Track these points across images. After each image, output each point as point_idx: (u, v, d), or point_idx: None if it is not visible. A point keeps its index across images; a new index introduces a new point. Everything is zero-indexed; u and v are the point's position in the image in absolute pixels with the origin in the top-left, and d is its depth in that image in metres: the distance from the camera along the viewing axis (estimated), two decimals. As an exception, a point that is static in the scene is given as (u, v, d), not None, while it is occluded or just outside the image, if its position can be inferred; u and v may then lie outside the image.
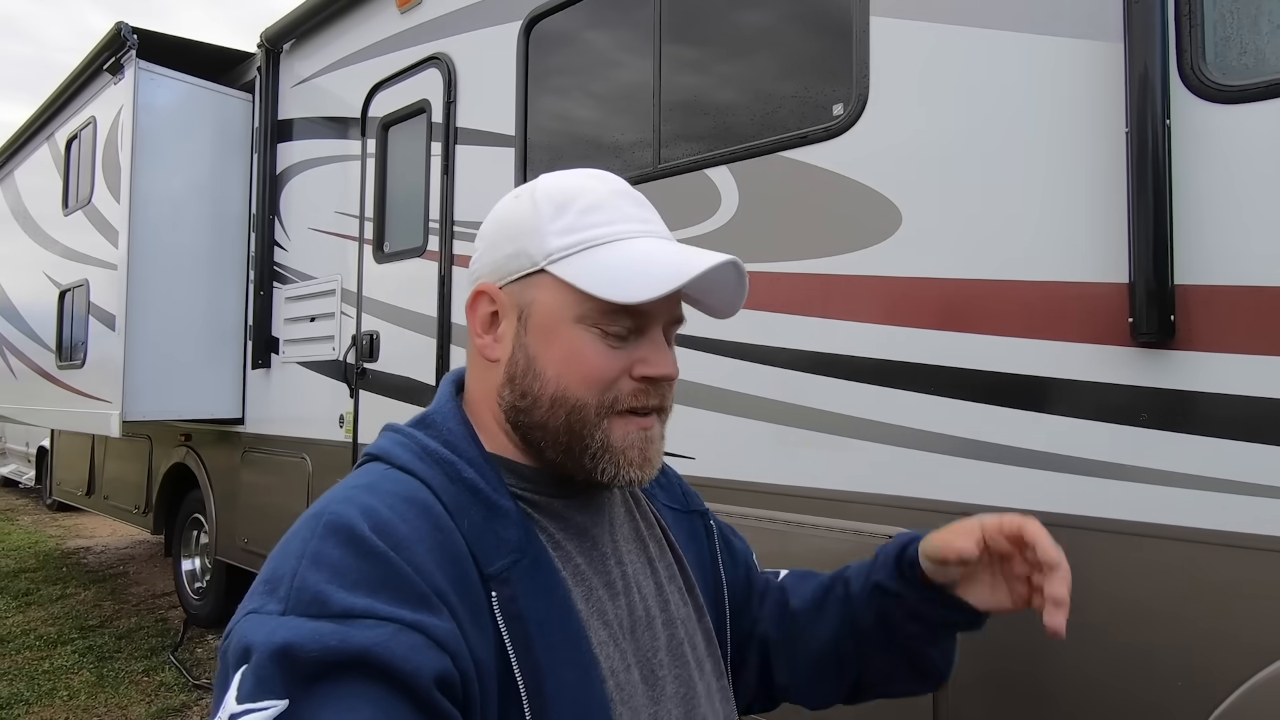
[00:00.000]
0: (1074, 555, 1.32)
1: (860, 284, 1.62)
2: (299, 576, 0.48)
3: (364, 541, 0.50)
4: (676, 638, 0.67)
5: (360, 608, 0.47)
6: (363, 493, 0.55)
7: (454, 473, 0.59)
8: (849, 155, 1.64)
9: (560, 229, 0.60)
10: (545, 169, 2.31)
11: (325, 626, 0.45)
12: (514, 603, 0.55)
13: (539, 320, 0.61)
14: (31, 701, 3.32)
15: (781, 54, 1.81)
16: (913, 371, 1.53)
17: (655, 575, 0.69)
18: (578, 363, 0.60)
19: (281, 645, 0.44)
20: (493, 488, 0.59)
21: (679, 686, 0.65)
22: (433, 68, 2.75)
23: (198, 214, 3.62)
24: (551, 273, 0.60)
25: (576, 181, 0.64)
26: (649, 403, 0.63)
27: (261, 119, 3.58)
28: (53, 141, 4.43)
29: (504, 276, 0.62)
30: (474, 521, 0.56)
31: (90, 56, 3.67)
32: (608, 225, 0.61)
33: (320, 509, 0.53)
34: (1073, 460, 1.34)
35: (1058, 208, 1.37)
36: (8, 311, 5.05)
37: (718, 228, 1.86)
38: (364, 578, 0.48)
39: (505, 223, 0.64)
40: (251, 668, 0.44)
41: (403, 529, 0.52)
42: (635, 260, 0.59)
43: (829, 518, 1.64)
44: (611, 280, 0.58)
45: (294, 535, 0.53)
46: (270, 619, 0.47)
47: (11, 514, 8.23)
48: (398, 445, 0.61)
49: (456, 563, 0.53)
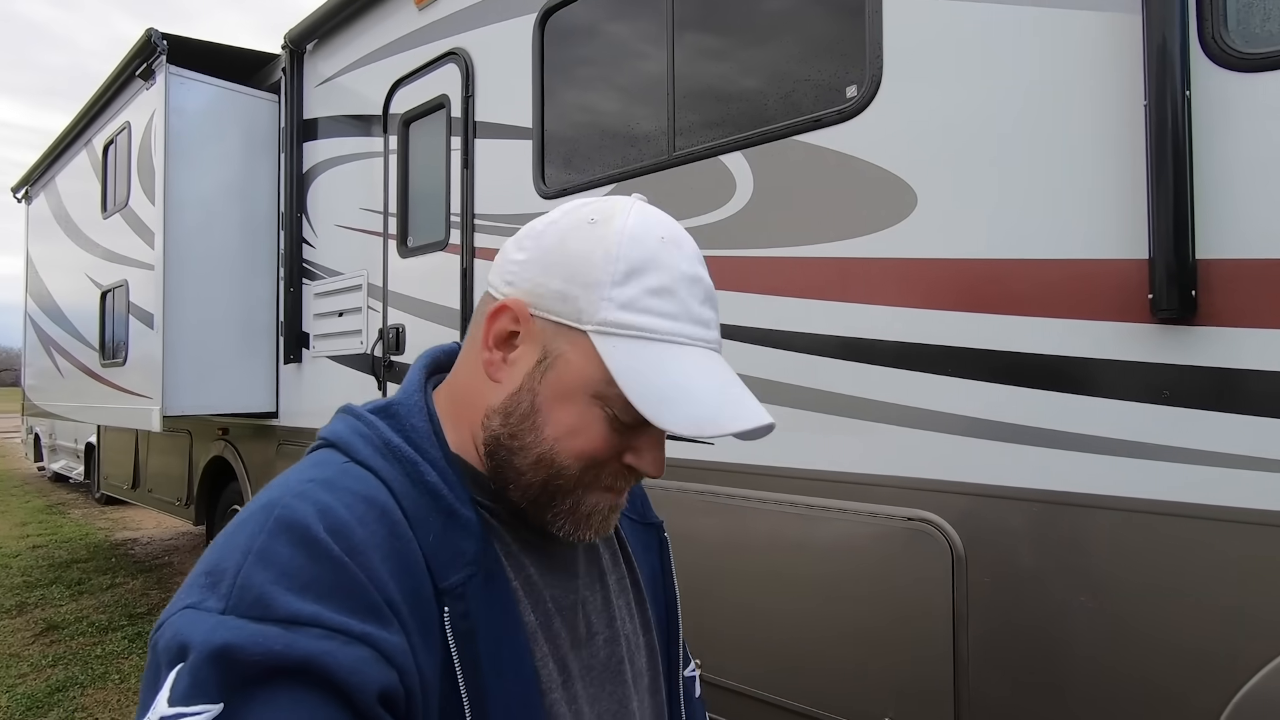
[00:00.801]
0: (1096, 535, 1.32)
1: (877, 266, 1.61)
2: (244, 573, 0.46)
3: (317, 543, 0.47)
4: (617, 655, 0.66)
5: (307, 615, 0.44)
6: (319, 488, 0.52)
7: (416, 474, 0.55)
8: (863, 137, 1.63)
9: (621, 300, 0.55)
10: (562, 160, 2.34)
11: (269, 630, 0.43)
12: (465, 619, 0.53)
13: (561, 377, 0.57)
14: (86, 684, 3.47)
15: (794, 37, 1.80)
16: (931, 353, 1.53)
17: (605, 589, 0.68)
18: (579, 436, 0.57)
19: (221, 646, 0.42)
20: (455, 494, 0.56)
21: (612, 703, 0.65)
22: (451, 63, 2.78)
23: (229, 214, 3.72)
24: (594, 341, 0.55)
25: (656, 248, 0.58)
26: (627, 485, 0.62)
27: (287, 119, 3.66)
28: (90, 147, 4.57)
29: (542, 309, 0.57)
30: (432, 530, 0.54)
31: (123, 63, 3.77)
32: (669, 321, 0.56)
33: (272, 500, 0.50)
34: (1094, 440, 1.33)
35: (1076, 184, 1.35)
36: (54, 313, 5.25)
37: (733, 214, 1.87)
38: (313, 581, 0.46)
39: (567, 251, 0.57)
40: (187, 668, 0.42)
41: (359, 533, 0.50)
42: (681, 383, 0.55)
43: (850, 501, 1.65)
44: (649, 393, 0.54)
45: (241, 526, 0.50)
46: (209, 617, 0.44)
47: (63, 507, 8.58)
48: (358, 436, 0.57)
49: (411, 574, 0.51)
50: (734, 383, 0.59)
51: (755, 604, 1.81)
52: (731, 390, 0.58)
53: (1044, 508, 1.39)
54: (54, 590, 5.04)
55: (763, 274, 1.81)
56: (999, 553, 1.45)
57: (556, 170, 2.36)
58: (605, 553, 0.71)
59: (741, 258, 1.85)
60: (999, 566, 1.44)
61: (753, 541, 1.82)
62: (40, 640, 4.07)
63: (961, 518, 1.49)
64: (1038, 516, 1.40)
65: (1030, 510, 1.41)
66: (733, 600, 1.85)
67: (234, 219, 3.74)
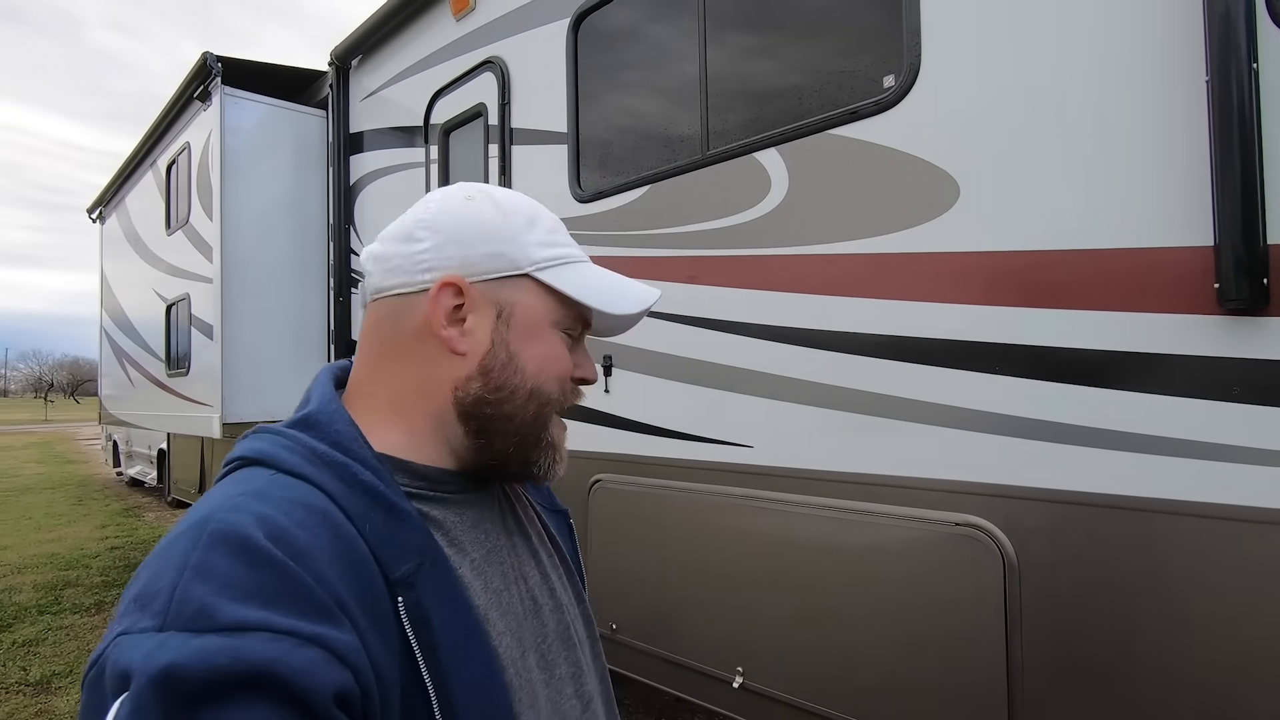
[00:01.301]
0: (1161, 542, 1.24)
1: (918, 261, 1.55)
2: (180, 589, 0.43)
3: (259, 551, 0.46)
4: (563, 622, 0.70)
5: (254, 620, 0.43)
6: (252, 500, 0.50)
7: (349, 475, 0.55)
8: (902, 128, 1.58)
9: (538, 241, 0.65)
10: (596, 163, 2.34)
11: (213, 642, 0.41)
12: (419, 607, 0.53)
13: (524, 321, 0.64)
14: (156, 680, 3.64)
15: (828, 28, 1.75)
16: (978, 350, 1.46)
17: (540, 565, 0.72)
18: (554, 362, 0.65)
19: (164, 668, 0.39)
20: (390, 490, 0.57)
21: (569, 668, 0.68)
22: (487, 71, 2.81)
23: (281, 227, 3.86)
24: (537, 279, 0.64)
25: (529, 202, 0.69)
26: (576, 401, 0.70)
27: (334, 133, 3.77)
28: (155, 168, 4.81)
29: (476, 274, 0.63)
30: (375, 526, 0.54)
31: (182, 86, 3.96)
32: (570, 247, 0.68)
33: (203, 517, 0.49)
34: (1157, 440, 1.25)
35: (1132, 168, 1.27)
36: (125, 326, 5.54)
37: (768, 212, 1.83)
38: (258, 588, 0.44)
39: (470, 221, 0.64)
40: (130, 696, 0.40)
41: (303, 537, 0.48)
42: (607, 281, 0.67)
43: (895, 505, 1.59)
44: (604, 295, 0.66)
45: (170, 546, 0.47)
46: (146, 638, 0.41)
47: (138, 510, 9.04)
48: (280, 448, 0.56)
49: (359, 571, 0.51)
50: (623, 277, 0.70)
51: (796, 611, 1.76)
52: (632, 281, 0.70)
53: (1103, 512, 1.31)
54: (129, 590, 5.31)
55: (799, 272, 1.76)
56: (1055, 560, 1.37)
57: (591, 174, 2.36)
58: (532, 532, 0.74)
59: (777, 256, 1.81)
60: (1055, 574, 1.37)
61: (794, 547, 1.78)
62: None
63: (1013, 523, 1.42)
64: (1097, 522, 1.32)
65: (1088, 515, 1.33)
66: (774, 607, 1.81)
67: (286, 232, 3.88)
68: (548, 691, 0.64)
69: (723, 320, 1.93)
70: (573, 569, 0.78)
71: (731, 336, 1.91)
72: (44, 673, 3.70)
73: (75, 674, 3.73)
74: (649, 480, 2.13)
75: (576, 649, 0.70)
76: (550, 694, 0.64)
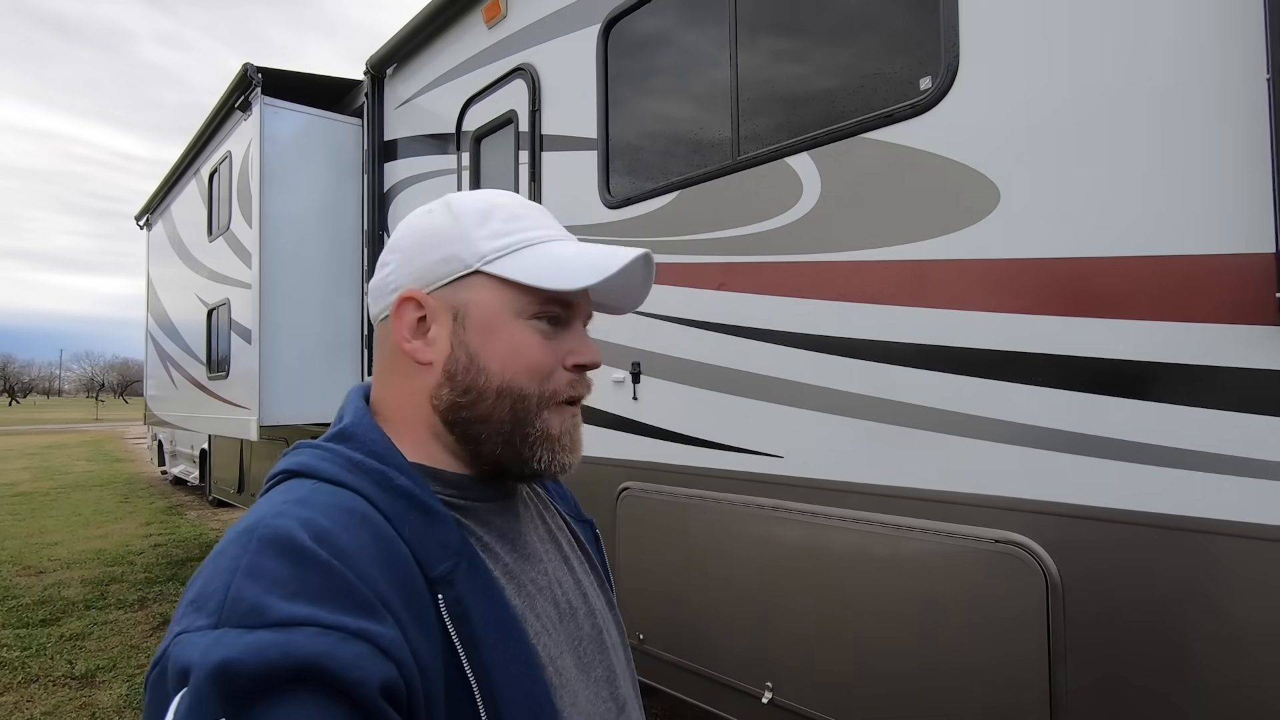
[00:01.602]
0: (1217, 564, 1.17)
1: (957, 269, 1.50)
2: (233, 590, 0.46)
3: (304, 551, 0.48)
4: (597, 626, 0.70)
5: (302, 615, 0.45)
6: (296, 506, 0.53)
7: (386, 481, 0.58)
8: (939, 131, 1.53)
9: (488, 234, 0.63)
10: (626, 169, 2.32)
11: (265, 637, 0.43)
12: (459, 604, 0.55)
13: (478, 318, 0.63)
14: (195, 677, 3.72)
15: (862, 30, 1.71)
16: (1019, 361, 1.41)
17: (572, 570, 0.72)
18: (521, 355, 0.63)
19: (219, 663, 0.42)
20: (425, 494, 0.59)
21: (604, 670, 0.68)
22: (518, 78, 2.82)
23: (317, 233, 3.93)
24: (488, 272, 0.63)
25: (488, 197, 0.67)
26: (582, 392, 0.66)
27: (369, 141, 3.83)
28: (199, 176, 4.95)
29: (430, 282, 0.64)
30: (414, 527, 0.57)
31: (224, 97, 4.06)
32: (532, 230, 0.65)
33: (251, 524, 0.51)
34: (1212, 458, 1.18)
35: (1186, 171, 1.21)
36: (169, 329, 5.70)
37: (799, 218, 1.79)
38: (305, 586, 0.47)
39: (424, 233, 0.65)
40: (189, 691, 0.42)
41: (345, 538, 0.51)
42: (567, 257, 0.63)
43: (930, 520, 1.54)
44: (551, 272, 0.62)
45: (221, 553, 0.50)
46: (204, 635, 0.44)
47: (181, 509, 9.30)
48: (320, 459, 0.60)
49: (400, 570, 0.53)
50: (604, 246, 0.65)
51: (828, 628, 1.72)
52: (606, 248, 0.64)
53: (1152, 532, 1.25)
54: (171, 587, 5.45)
55: (832, 279, 1.73)
56: (1102, 581, 1.31)
57: (621, 179, 2.35)
58: (561, 539, 0.74)
59: (810, 262, 1.78)
60: (1102, 596, 1.31)
61: (826, 561, 1.74)
62: (158, 634, 4.40)
63: (1056, 541, 1.36)
64: (1146, 542, 1.26)
65: (1137, 535, 1.27)
66: (804, 623, 1.77)
67: (321, 238, 3.95)
68: (587, 693, 0.64)
69: (753, 328, 1.90)
70: (603, 576, 0.78)
71: (763, 344, 1.88)
72: (89, 667, 3.82)
73: (119, 668, 3.83)
74: (677, 489, 2.11)
75: (610, 653, 0.70)
76: (589, 695, 0.65)
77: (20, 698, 3.48)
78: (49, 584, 5.55)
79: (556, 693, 0.60)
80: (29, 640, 4.26)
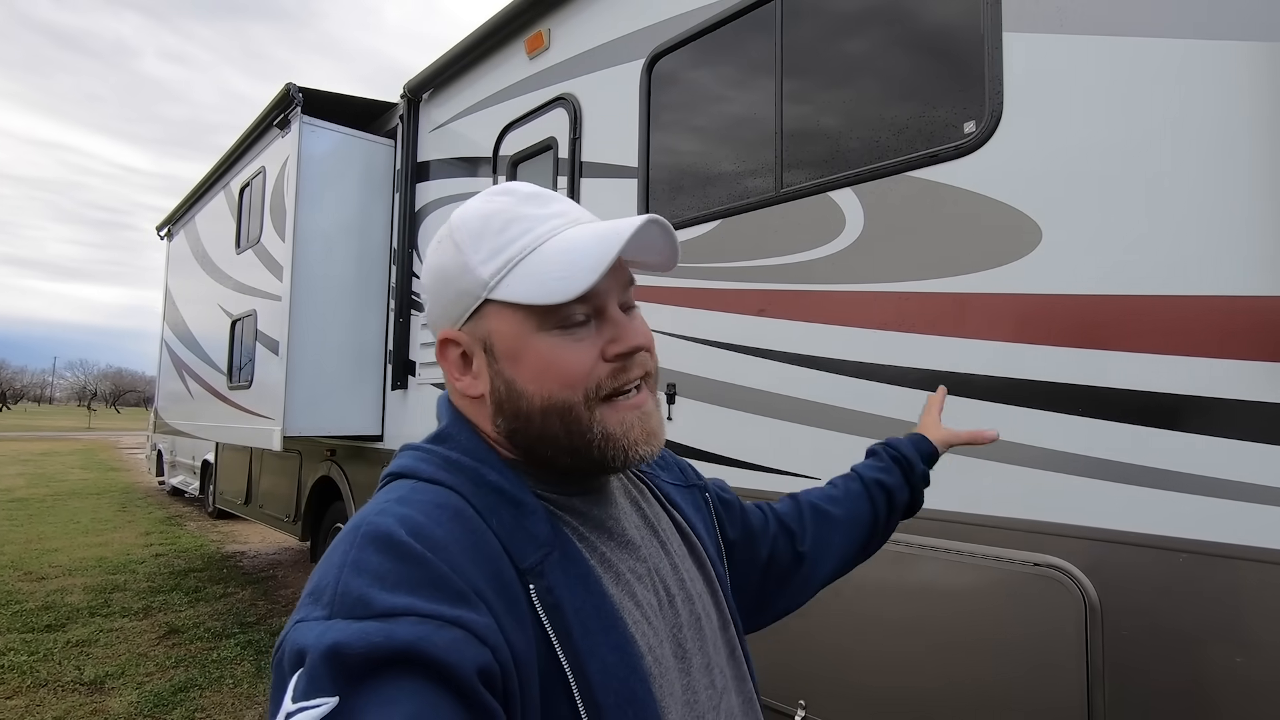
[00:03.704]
0: (1254, 591, 1.23)
1: (999, 302, 1.58)
2: (342, 583, 0.50)
3: (402, 545, 0.52)
4: (695, 612, 0.71)
5: (402, 606, 0.49)
6: (396, 504, 0.57)
7: (479, 478, 0.62)
8: (982, 172, 1.62)
9: (484, 257, 0.63)
10: (666, 198, 2.42)
11: (370, 625, 0.47)
12: (550, 594, 0.58)
13: (503, 347, 0.63)
14: (204, 686, 3.71)
15: (908, 75, 1.81)
16: (1061, 391, 1.48)
17: (669, 556, 0.73)
18: (551, 370, 0.62)
19: (331, 645, 0.46)
20: (517, 488, 0.62)
21: (702, 657, 0.69)
22: (559, 107, 2.93)
23: (346, 249, 4.01)
24: (495, 299, 0.63)
25: (484, 206, 0.66)
26: (630, 377, 0.65)
27: (403, 161, 3.94)
28: (228, 190, 5.04)
29: (457, 320, 0.65)
30: (504, 520, 0.60)
31: (263, 114, 4.17)
32: (525, 235, 0.63)
33: (357, 523, 0.56)
34: (1249, 488, 1.25)
35: (1224, 218, 1.29)
36: (188, 339, 5.75)
37: (844, 248, 1.88)
38: (404, 579, 0.51)
39: (438, 272, 0.66)
40: (305, 670, 0.46)
41: (438, 532, 0.55)
42: (563, 256, 0.61)
43: (970, 543, 1.60)
44: (548, 284, 0.60)
45: (334, 549, 0.55)
46: (318, 624, 0.48)
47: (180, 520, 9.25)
48: (421, 461, 0.64)
49: (492, 561, 0.56)
50: (606, 222, 0.65)
51: (864, 649, 1.76)
52: (605, 226, 0.63)
53: (1191, 558, 1.31)
54: (174, 596, 5.43)
55: (874, 309, 1.80)
56: (1139, 605, 1.36)
57: (661, 207, 2.44)
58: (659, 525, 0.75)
59: (851, 292, 1.86)
60: (1139, 620, 1.36)
61: (863, 582, 1.78)
62: (164, 642, 4.39)
63: (1095, 566, 1.42)
64: (1183, 568, 1.31)
65: (1174, 561, 1.32)
66: (839, 644, 1.81)
67: (350, 254, 4.03)
68: (684, 680, 0.66)
69: (793, 353, 1.97)
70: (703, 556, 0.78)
71: (801, 369, 1.95)
72: (98, 673, 3.81)
73: (128, 675, 3.82)
74: (711, 508, 2.15)
75: (707, 638, 0.72)
76: (687, 683, 0.66)
77: (30, 701, 3.46)
78: (51, 590, 5.52)
79: (655, 681, 0.61)
80: (35, 645, 4.24)
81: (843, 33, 1.96)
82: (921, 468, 1.12)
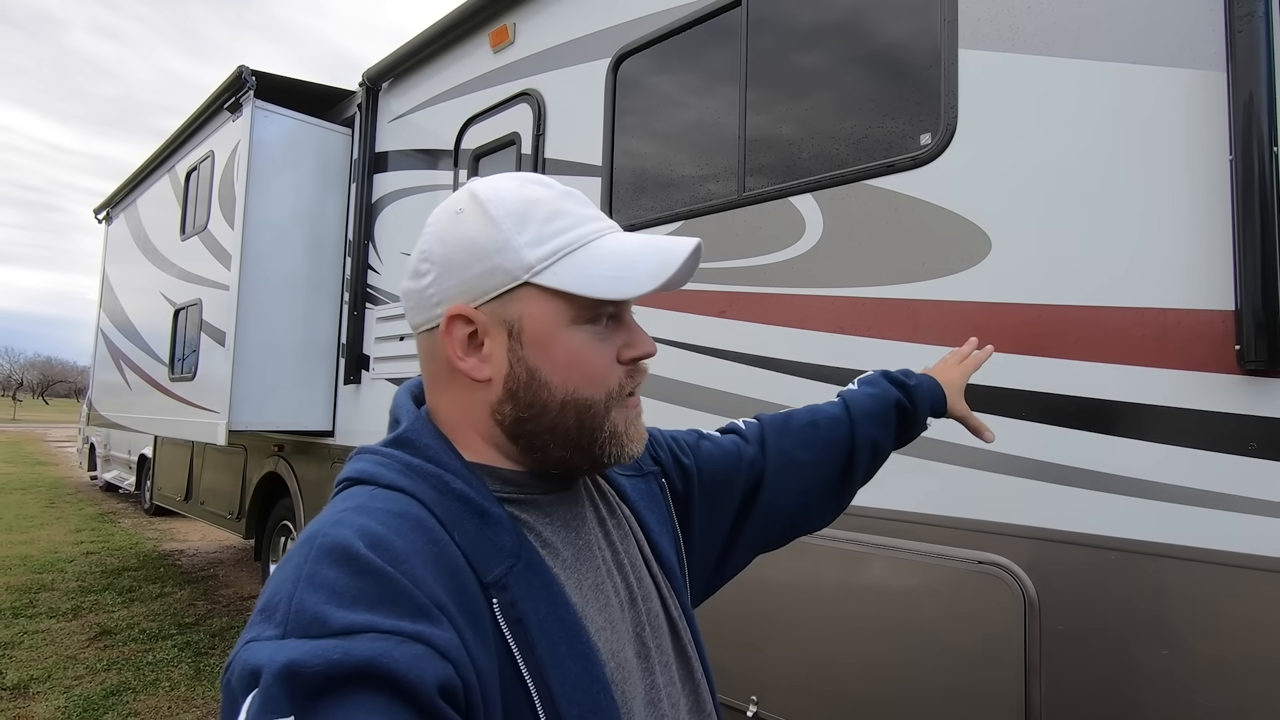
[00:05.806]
0: (1177, 587, 1.31)
1: (949, 309, 1.64)
2: (296, 599, 0.48)
3: (360, 559, 0.50)
4: (654, 610, 0.71)
5: (361, 623, 0.47)
6: (354, 514, 0.54)
7: (442, 485, 0.60)
8: (937, 183, 1.68)
9: (531, 240, 0.61)
10: (629, 196, 2.42)
11: (327, 643, 0.45)
12: (514, 607, 0.56)
13: (533, 332, 0.62)
14: (138, 690, 3.56)
15: (868, 86, 1.86)
16: (1003, 395, 1.54)
17: (629, 553, 0.73)
18: (581, 364, 0.62)
19: (286, 664, 0.44)
20: (482, 496, 0.60)
21: (661, 655, 0.70)
22: (523, 103, 2.91)
23: (298, 239, 3.91)
24: (537, 284, 0.61)
25: (523, 191, 0.63)
26: (640, 381, 0.67)
27: (360, 151, 3.85)
28: (174, 174, 4.85)
29: (477, 296, 0.62)
30: (467, 531, 0.58)
31: (213, 96, 4.02)
32: (574, 229, 0.62)
33: (312, 533, 0.53)
34: (1176, 489, 1.32)
35: (1158, 235, 1.37)
36: (126, 328, 5.50)
37: (803, 253, 1.92)
38: (362, 594, 0.48)
39: (462, 243, 0.62)
40: (260, 690, 0.44)
41: (399, 544, 0.52)
42: (617, 258, 0.62)
43: (916, 541, 1.65)
44: (608, 282, 0.60)
45: (287, 562, 0.52)
46: (271, 643, 0.46)
47: (114, 516, 8.85)
48: (380, 466, 0.61)
49: (454, 574, 0.54)
50: (650, 237, 0.65)
51: (812, 646, 1.80)
52: (655, 241, 0.64)
53: (1122, 556, 1.38)
54: (106, 596, 5.19)
55: (829, 312, 1.84)
56: (1074, 601, 1.43)
57: (625, 206, 2.44)
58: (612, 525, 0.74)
59: (808, 296, 1.90)
60: (1074, 615, 1.43)
61: (810, 580, 1.83)
62: (95, 644, 4.19)
63: (1035, 563, 1.48)
64: (1115, 565, 1.39)
65: (1107, 558, 1.39)
66: (788, 641, 1.85)
67: (302, 244, 3.92)
68: (647, 680, 0.66)
69: (752, 354, 2.01)
70: (659, 550, 0.77)
71: (761, 370, 1.98)
72: (21, 677, 3.61)
73: (55, 679, 3.64)
74: (668, 507, 2.17)
75: (665, 634, 0.72)
76: (650, 682, 0.66)
77: (-54, 708, 3.27)
78: (-30, 590, 5.21)
79: (618, 688, 0.61)
80: (-48, 647, 4.00)
81: (806, 43, 2.00)
82: (922, 426, 1.15)
